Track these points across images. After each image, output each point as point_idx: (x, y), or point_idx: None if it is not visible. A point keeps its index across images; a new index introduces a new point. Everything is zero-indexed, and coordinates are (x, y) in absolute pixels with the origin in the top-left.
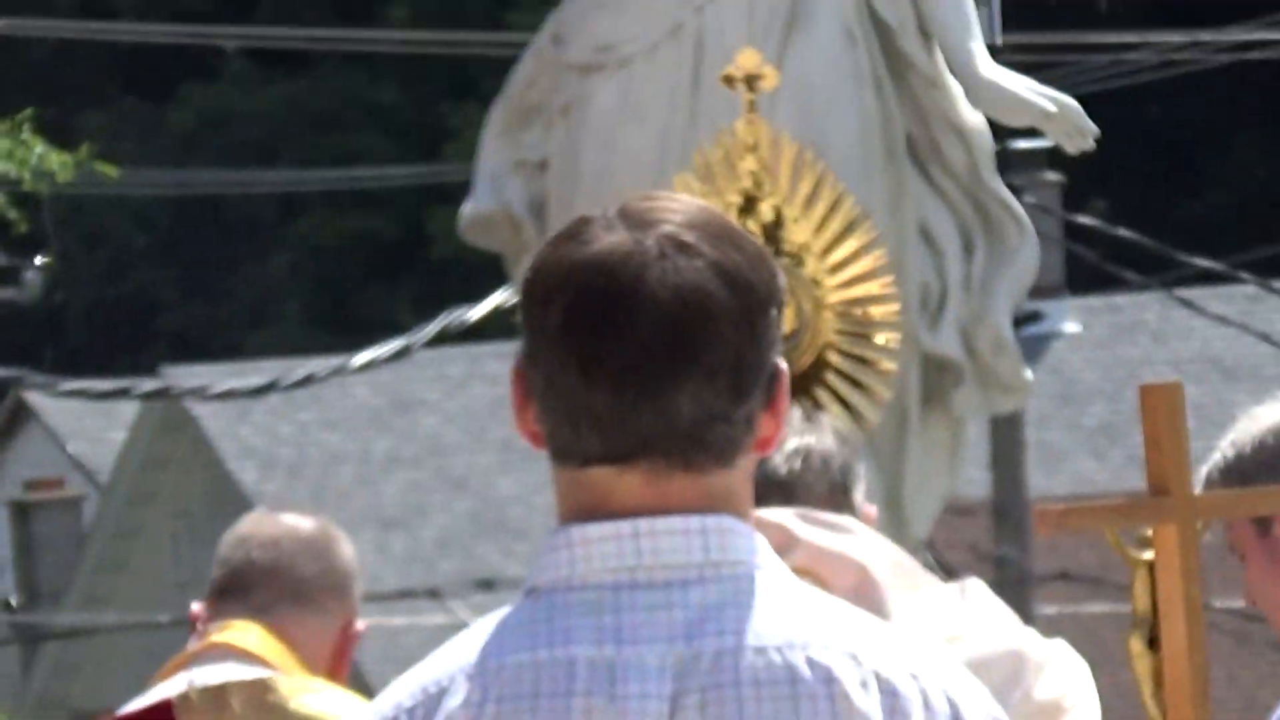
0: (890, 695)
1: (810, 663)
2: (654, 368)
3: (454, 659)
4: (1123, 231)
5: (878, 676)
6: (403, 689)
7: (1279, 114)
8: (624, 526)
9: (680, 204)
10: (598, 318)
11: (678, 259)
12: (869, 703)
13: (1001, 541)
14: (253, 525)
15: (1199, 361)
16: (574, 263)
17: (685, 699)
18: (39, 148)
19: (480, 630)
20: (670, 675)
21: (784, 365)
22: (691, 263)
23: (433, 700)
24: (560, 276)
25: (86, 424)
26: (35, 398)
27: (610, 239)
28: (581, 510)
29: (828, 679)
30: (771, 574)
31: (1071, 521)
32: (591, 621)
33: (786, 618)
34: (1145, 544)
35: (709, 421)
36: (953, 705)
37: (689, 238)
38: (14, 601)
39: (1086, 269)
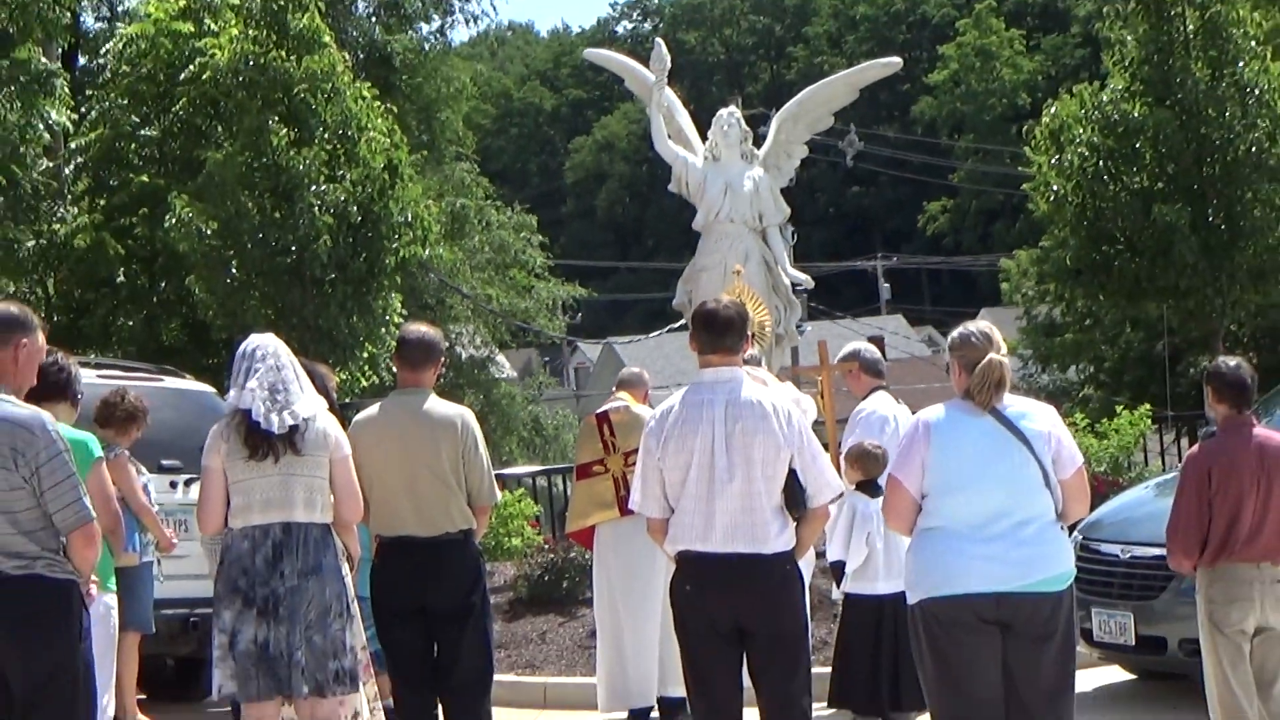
0: (774, 408)
1: (759, 400)
2: (724, 334)
3: (675, 398)
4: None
5: (774, 405)
6: (664, 405)
7: None
8: (717, 370)
9: (730, 299)
10: (710, 322)
11: (729, 308)
12: (769, 410)
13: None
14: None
15: None
16: (705, 309)
17: (730, 411)
18: None
19: (682, 390)
20: (725, 403)
21: (752, 332)
22: (732, 309)
23: (668, 409)
24: (702, 312)
25: None
26: None
27: (713, 305)
28: (705, 366)
29: (761, 404)
30: (748, 380)
31: (802, 373)
32: (707, 390)
33: (752, 390)
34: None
35: (735, 345)
36: (788, 411)
37: (729, 302)
38: None
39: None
